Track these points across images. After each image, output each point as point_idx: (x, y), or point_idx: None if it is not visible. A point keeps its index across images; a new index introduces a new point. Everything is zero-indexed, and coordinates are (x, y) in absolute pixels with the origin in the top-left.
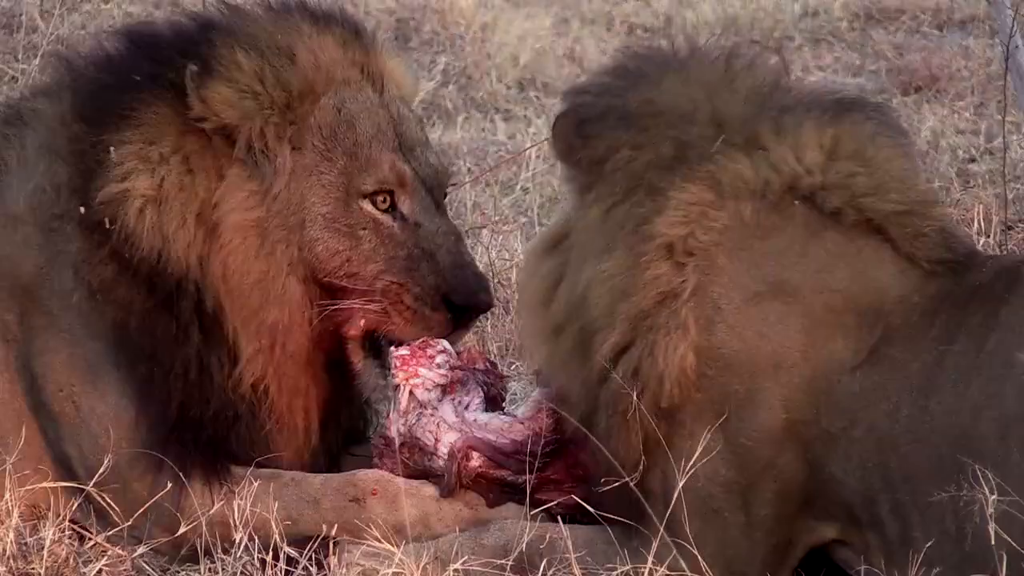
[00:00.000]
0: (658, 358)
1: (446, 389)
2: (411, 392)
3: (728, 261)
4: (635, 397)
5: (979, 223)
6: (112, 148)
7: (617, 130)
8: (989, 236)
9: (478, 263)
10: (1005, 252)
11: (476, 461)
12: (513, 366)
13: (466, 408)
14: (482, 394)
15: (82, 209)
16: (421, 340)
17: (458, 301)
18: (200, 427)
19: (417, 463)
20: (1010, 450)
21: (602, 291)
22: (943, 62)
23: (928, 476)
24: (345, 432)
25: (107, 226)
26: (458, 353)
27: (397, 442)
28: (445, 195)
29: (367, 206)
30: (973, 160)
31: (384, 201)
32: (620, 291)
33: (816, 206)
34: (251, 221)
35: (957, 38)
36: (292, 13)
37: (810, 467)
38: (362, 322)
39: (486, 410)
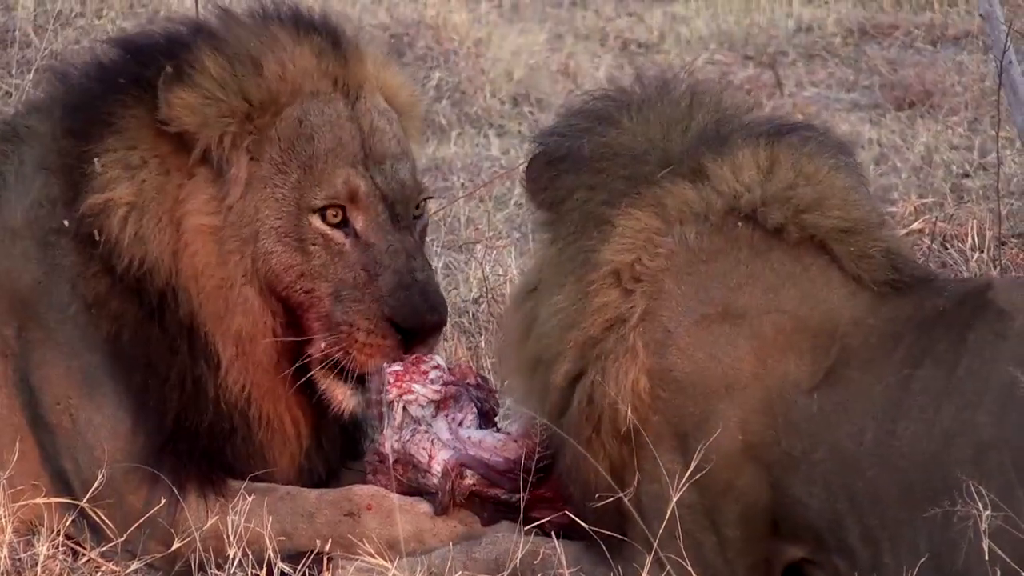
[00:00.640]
0: (610, 384)
1: (440, 405)
2: (405, 408)
3: (675, 285)
4: (627, 412)
5: (973, 238)
6: (96, 159)
7: (574, 172)
8: (983, 251)
9: (471, 278)
10: (1000, 268)
11: (470, 479)
12: (506, 381)
13: (460, 424)
14: (476, 410)
15: (66, 223)
16: (414, 356)
17: (403, 324)
18: (196, 438)
19: (411, 480)
20: (986, 476)
21: (554, 323)
22: (937, 77)
23: (897, 501)
24: (343, 445)
25: (96, 238)
26: (450, 368)
27: (391, 459)
28: (418, 211)
29: (316, 221)
30: (967, 175)
31: (336, 216)
32: (570, 321)
33: (759, 225)
34: (207, 227)
35: (951, 53)
36: (274, 20)
37: (773, 490)
38: (323, 344)
39: (480, 426)
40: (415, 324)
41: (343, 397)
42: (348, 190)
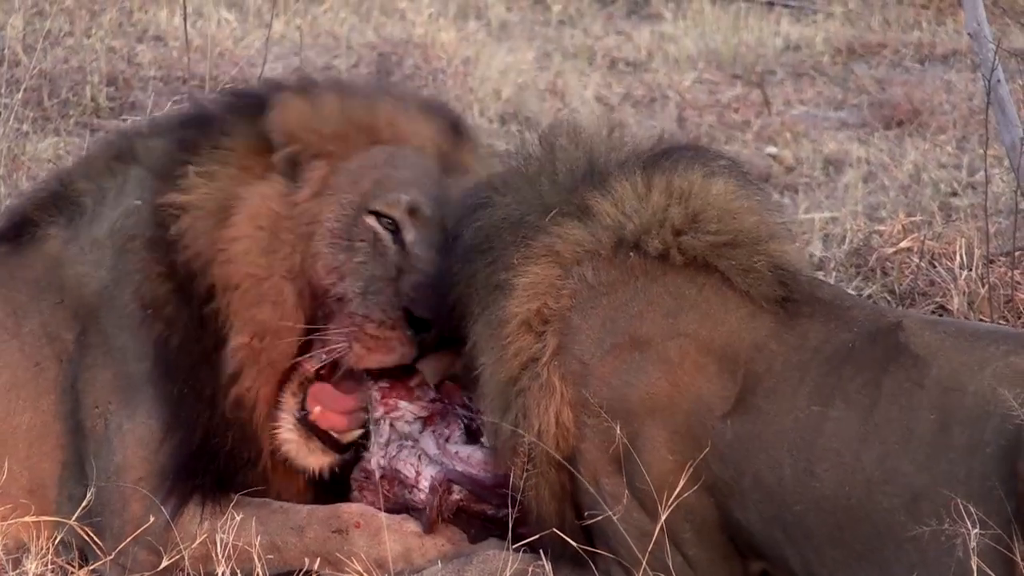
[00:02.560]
0: (532, 420)
1: (427, 421)
2: (392, 424)
3: (582, 320)
4: (619, 431)
5: (961, 257)
6: (191, 167)
7: (468, 263)
8: (971, 270)
9: None
10: (987, 286)
11: (457, 495)
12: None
13: (447, 440)
14: (463, 425)
15: (138, 201)
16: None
17: (416, 312)
18: (215, 459)
19: (397, 496)
20: (920, 525)
21: (484, 375)
22: (925, 96)
23: (829, 542)
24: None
25: (172, 233)
26: (436, 387)
27: (377, 474)
28: None
29: (371, 220)
30: (955, 194)
31: (390, 224)
32: (492, 373)
33: (648, 253)
34: (267, 211)
35: (939, 72)
36: (412, 97)
37: (719, 510)
38: (324, 354)
39: (467, 442)
40: (430, 314)
41: (283, 424)
42: (410, 206)
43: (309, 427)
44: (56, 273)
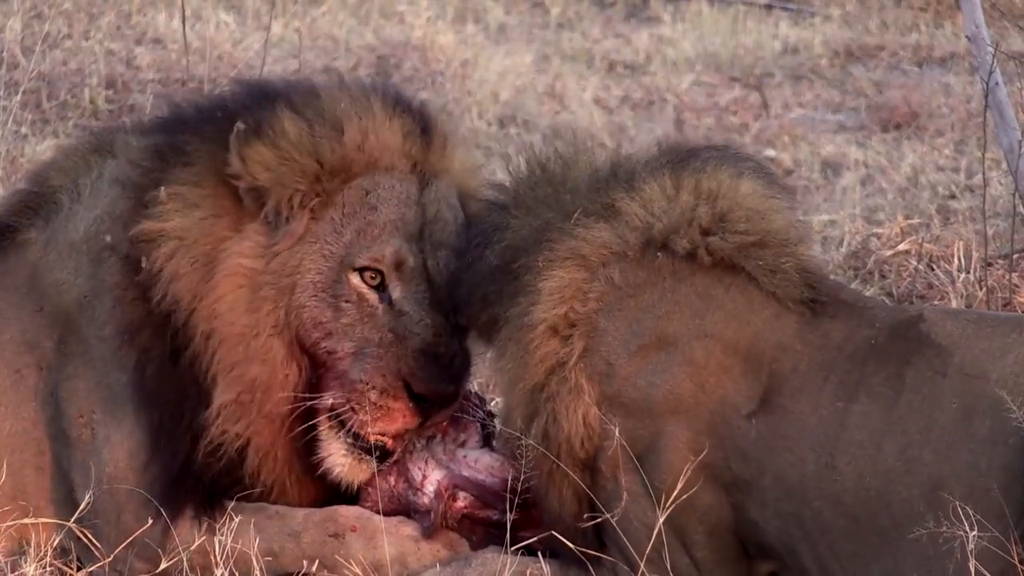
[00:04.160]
0: (562, 423)
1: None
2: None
3: (609, 322)
4: (617, 432)
5: (959, 259)
6: (164, 186)
7: (494, 283)
8: (969, 272)
9: None
10: (986, 289)
11: (462, 502)
12: (493, 402)
13: (462, 444)
14: (480, 429)
15: (108, 238)
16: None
17: (416, 389)
18: (199, 482)
19: (402, 494)
20: (940, 516)
21: (504, 380)
22: (923, 99)
23: (845, 535)
24: None
25: (143, 265)
26: None
27: (379, 480)
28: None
29: (355, 279)
30: (953, 197)
31: (374, 278)
32: (516, 377)
33: (675, 253)
34: (245, 270)
35: (937, 75)
36: (375, 93)
37: (734, 511)
38: (330, 401)
39: (483, 446)
40: (429, 391)
41: (335, 452)
42: (395, 259)
43: (361, 447)
44: (36, 280)
